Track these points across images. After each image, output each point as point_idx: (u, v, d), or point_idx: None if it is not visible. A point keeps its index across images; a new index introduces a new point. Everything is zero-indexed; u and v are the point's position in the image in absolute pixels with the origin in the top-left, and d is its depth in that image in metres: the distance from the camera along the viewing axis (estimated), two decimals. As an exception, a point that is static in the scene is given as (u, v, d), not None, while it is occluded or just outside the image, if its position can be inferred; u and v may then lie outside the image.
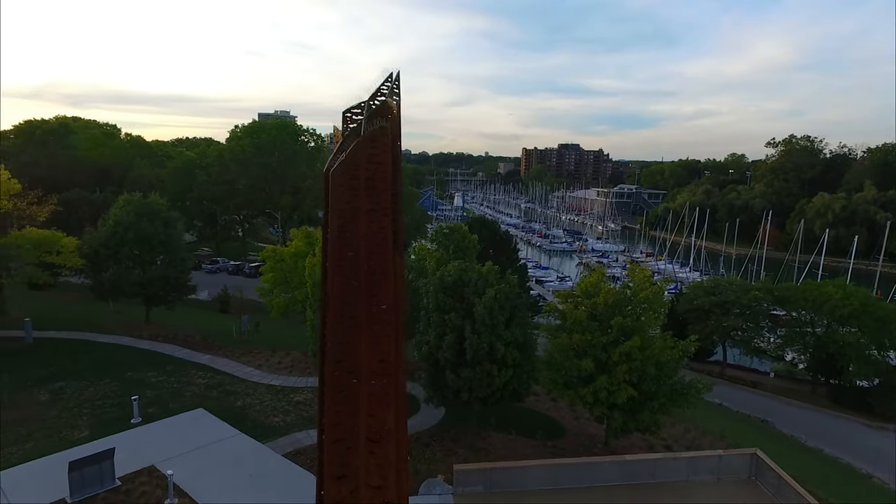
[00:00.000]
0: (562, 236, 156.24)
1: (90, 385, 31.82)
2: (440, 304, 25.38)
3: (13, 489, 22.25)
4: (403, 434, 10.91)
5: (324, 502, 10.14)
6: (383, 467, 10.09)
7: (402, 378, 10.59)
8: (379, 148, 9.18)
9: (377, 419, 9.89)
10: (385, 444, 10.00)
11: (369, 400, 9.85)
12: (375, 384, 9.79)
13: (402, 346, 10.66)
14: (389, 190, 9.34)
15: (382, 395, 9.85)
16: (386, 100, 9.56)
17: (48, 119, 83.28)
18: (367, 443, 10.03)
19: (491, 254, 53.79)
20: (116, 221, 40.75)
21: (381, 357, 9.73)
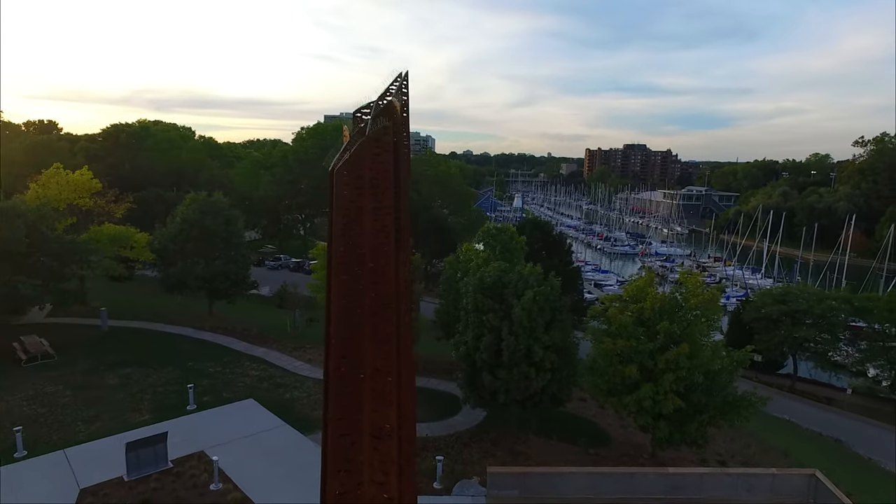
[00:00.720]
0: (624, 239, 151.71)
1: (154, 372, 33.91)
2: (479, 304, 25.30)
3: (78, 464, 24.09)
4: (409, 431, 11.00)
5: (327, 495, 10.40)
6: (386, 463, 10.21)
7: (407, 375, 10.67)
8: (382, 147, 9.30)
9: (380, 415, 10.02)
10: (387, 440, 10.11)
11: (372, 396, 9.99)
12: (378, 381, 9.93)
13: (409, 343, 10.74)
14: (392, 189, 9.44)
15: (384, 391, 9.97)
16: (391, 100, 9.68)
17: (131, 123, 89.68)
18: (370, 438, 10.18)
19: (544, 255, 53.04)
20: (183, 219, 43.24)
21: (384, 354, 9.85)
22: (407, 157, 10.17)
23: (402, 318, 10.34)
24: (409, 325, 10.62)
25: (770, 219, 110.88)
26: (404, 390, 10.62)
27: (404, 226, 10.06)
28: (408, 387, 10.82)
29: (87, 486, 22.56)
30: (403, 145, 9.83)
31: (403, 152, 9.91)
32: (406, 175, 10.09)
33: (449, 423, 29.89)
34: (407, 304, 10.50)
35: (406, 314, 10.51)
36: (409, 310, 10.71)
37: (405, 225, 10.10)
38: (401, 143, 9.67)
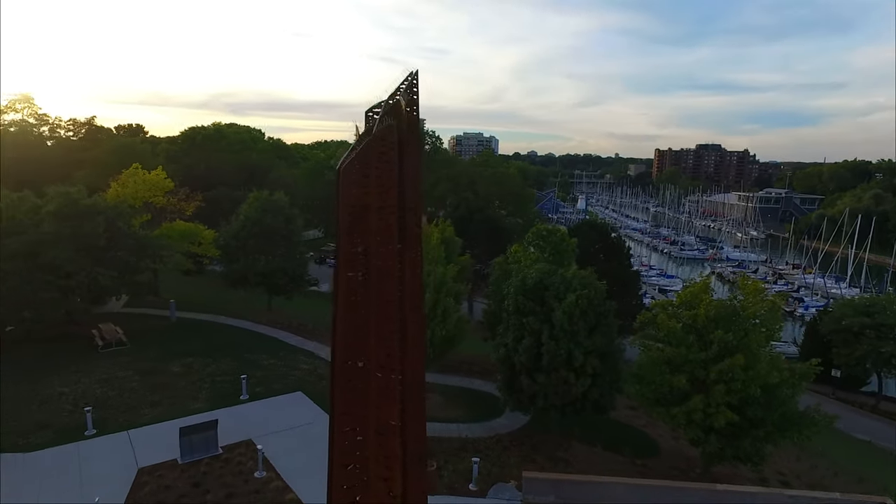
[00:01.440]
0: (694, 243, 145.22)
1: (213, 362, 35.73)
2: (519, 306, 24.99)
3: (139, 445, 25.79)
4: (416, 430, 10.98)
5: (333, 490, 10.56)
6: (390, 459, 10.28)
7: (414, 374, 10.66)
8: (387, 146, 9.37)
9: (384, 412, 10.10)
10: (391, 437, 10.17)
11: (377, 393, 10.08)
12: (382, 377, 10.00)
13: (418, 341, 10.72)
14: (396, 188, 9.49)
15: (388, 388, 10.04)
16: (398, 99, 9.73)
17: (207, 126, 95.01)
18: (375, 435, 10.28)
19: (601, 258, 51.67)
20: (246, 217, 45.32)
21: (388, 352, 9.91)
22: (416, 156, 10.17)
23: (409, 317, 10.36)
24: (417, 323, 10.61)
25: (858, 223, 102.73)
26: (411, 388, 10.64)
27: (412, 225, 10.07)
28: (415, 385, 10.81)
29: (145, 466, 24.12)
30: (410, 144, 9.84)
31: (411, 151, 9.92)
32: (414, 174, 10.09)
33: (490, 425, 29.71)
34: (416, 304, 10.50)
35: (415, 313, 10.52)
36: (419, 309, 10.69)
37: (413, 224, 10.10)
38: (406, 142, 9.69)
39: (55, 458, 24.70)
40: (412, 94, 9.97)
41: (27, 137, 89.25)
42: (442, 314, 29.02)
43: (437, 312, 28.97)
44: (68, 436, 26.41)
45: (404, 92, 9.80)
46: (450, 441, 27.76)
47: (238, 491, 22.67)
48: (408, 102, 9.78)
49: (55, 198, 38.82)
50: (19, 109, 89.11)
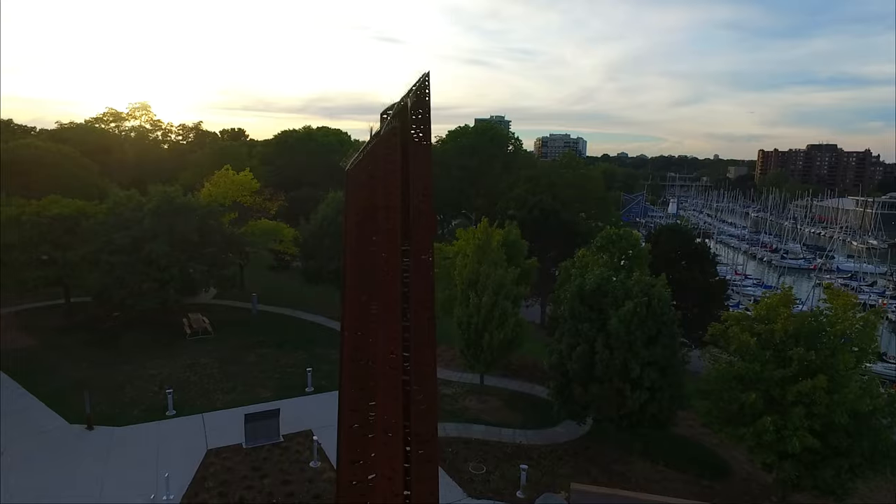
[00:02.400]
0: (799, 251, 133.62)
1: (285, 354, 37.63)
2: (575, 312, 24.20)
3: (211, 427, 27.69)
4: (425, 430, 10.96)
5: (340, 485, 10.80)
6: (392, 459, 10.35)
7: (423, 374, 10.65)
8: (390, 149, 9.45)
9: (387, 409, 10.18)
10: (394, 434, 10.23)
11: (383, 391, 10.19)
12: (386, 376, 10.10)
13: (428, 342, 10.70)
14: (398, 189, 9.54)
15: (392, 387, 10.11)
16: (404, 102, 9.77)
17: (298, 129, 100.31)
18: (382, 433, 10.39)
19: (683, 265, 48.90)
20: (323, 216, 47.29)
21: (392, 351, 9.99)
22: (423, 157, 10.17)
23: (416, 316, 10.38)
24: (426, 323, 10.61)
25: None
26: (419, 388, 10.64)
27: (420, 225, 10.08)
28: (424, 385, 10.81)
29: (213, 448, 25.88)
30: (417, 145, 9.86)
31: (418, 152, 9.94)
32: (422, 174, 10.10)
33: (547, 433, 29.00)
34: (424, 303, 10.49)
35: (423, 312, 10.52)
36: (427, 308, 10.68)
37: (422, 224, 10.11)
38: (412, 144, 9.71)
39: (139, 434, 27.10)
40: (422, 96, 9.99)
41: (144, 142, 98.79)
42: (499, 317, 28.73)
43: (495, 315, 28.72)
44: (152, 414, 28.89)
45: (413, 94, 9.84)
46: (502, 446, 27.42)
47: (293, 478, 23.72)
48: (415, 105, 9.81)
49: (155, 196, 42.54)
50: (138, 116, 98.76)
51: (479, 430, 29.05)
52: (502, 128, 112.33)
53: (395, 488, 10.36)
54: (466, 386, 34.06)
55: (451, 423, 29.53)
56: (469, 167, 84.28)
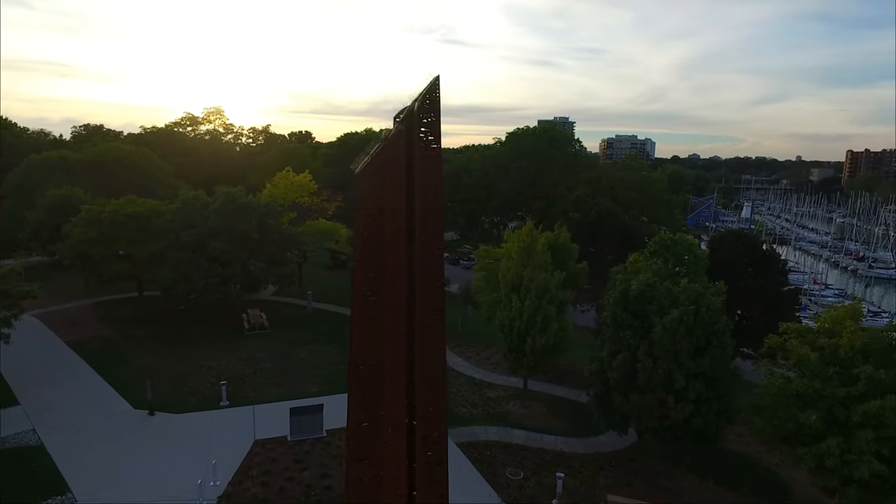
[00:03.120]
0: (890, 260, 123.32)
1: (334, 351, 38.62)
2: (617, 318, 23.45)
3: (260, 419, 28.80)
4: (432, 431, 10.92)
5: (349, 482, 10.96)
6: (397, 459, 10.40)
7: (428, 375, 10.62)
8: (395, 152, 9.53)
9: (393, 411, 10.26)
10: (397, 435, 10.28)
11: (389, 392, 10.28)
12: (394, 377, 10.18)
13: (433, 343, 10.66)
14: (403, 192, 9.59)
15: (396, 387, 10.17)
16: (411, 106, 9.81)
17: (359, 131, 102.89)
18: (389, 434, 10.48)
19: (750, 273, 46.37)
20: (376, 217, 48.23)
21: (395, 351, 10.05)
22: (431, 160, 10.16)
23: (422, 318, 10.39)
24: (435, 325, 10.58)
25: None
26: (425, 389, 10.65)
27: (426, 227, 10.07)
28: (430, 387, 10.78)
29: (260, 439, 26.96)
30: (425, 149, 9.86)
31: (426, 155, 9.94)
32: (431, 177, 10.09)
33: (590, 442, 28.26)
34: (432, 305, 10.46)
35: (432, 314, 10.50)
36: (435, 311, 10.64)
37: (427, 226, 10.10)
38: (419, 147, 9.73)
39: (194, 421, 28.65)
40: (431, 100, 10.00)
41: (217, 144, 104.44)
42: (542, 322, 28.28)
43: (537, 320, 28.29)
44: (207, 404, 30.45)
45: (421, 98, 9.88)
46: (542, 453, 26.97)
47: (332, 473, 24.32)
48: (422, 108, 9.84)
49: (219, 197, 44.80)
50: (212, 120, 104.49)
51: (520, 434, 28.69)
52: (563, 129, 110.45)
53: (400, 489, 10.43)
54: (511, 390, 33.73)
55: (492, 426, 29.37)
56: (527, 169, 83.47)
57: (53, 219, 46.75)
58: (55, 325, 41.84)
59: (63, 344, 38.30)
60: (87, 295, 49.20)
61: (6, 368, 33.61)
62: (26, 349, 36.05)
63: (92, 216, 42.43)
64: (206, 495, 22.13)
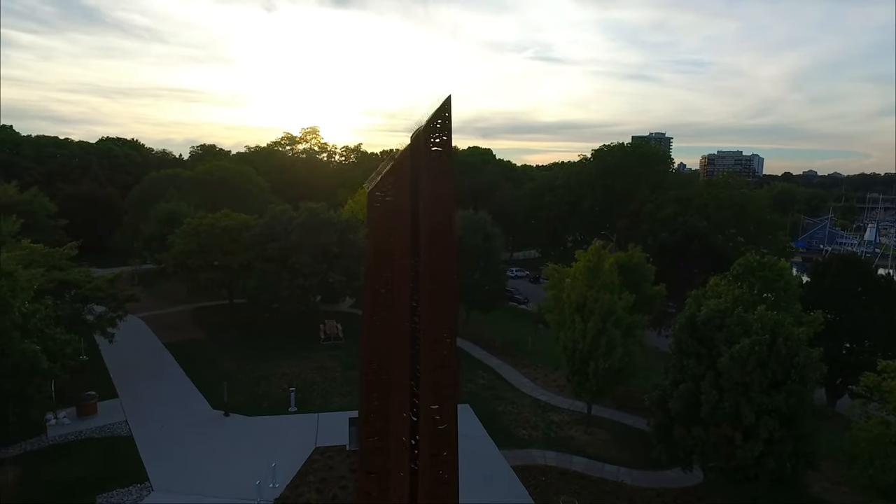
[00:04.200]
0: None
1: (403, 364, 39.24)
2: (682, 345, 21.95)
3: (323, 427, 29.87)
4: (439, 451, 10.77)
5: (359, 494, 11.05)
6: (404, 475, 10.37)
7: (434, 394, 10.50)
8: (402, 172, 9.66)
9: (396, 426, 10.27)
10: (401, 452, 10.26)
11: (396, 408, 10.33)
12: (399, 393, 10.21)
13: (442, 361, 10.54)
14: (409, 210, 9.66)
15: (401, 404, 10.18)
16: (420, 127, 9.91)
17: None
18: (394, 449, 10.51)
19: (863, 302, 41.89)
20: (450, 234, 48.76)
21: (400, 368, 10.08)
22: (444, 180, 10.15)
23: (435, 336, 10.36)
24: (446, 344, 10.49)
25: None
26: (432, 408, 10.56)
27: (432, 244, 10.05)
28: (443, 405, 10.67)
29: (321, 446, 27.90)
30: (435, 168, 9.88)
31: (438, 175, 9.96)
32: (442, 197, 10.08)
33: (656, 476, 26.51)
34: (444, 324, 10.38)
35: (443, 332, 10.42)
36: (449, 329, 10.55)
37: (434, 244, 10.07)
38: (429, 167, 9.78)
39: (263, 425, 30.21)
40: (441, 120, 10.06)
41: (312, 162, 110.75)
42: (606, 345, 27.09)
43: (601, 343, 27.14)
44: (277, 409, 32.02)
45: (431, 118, 9.97)
46: (602, 483, 25.69)
47: (383, 484, 24.60)
48: (432, 128, 9.91)
49: (303, 212, 47.36)
50: (308, 140, 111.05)
51: (581, 462, 27.53)
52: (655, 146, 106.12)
53: (401, 499, 10.39)
54: (575, 415, 32.51)
55: (551, 451, 28.44)
56: (613, 186, 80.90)
57: (161, 230, 51.67)
58: (157, 327, 45.99)
59: (161, 345, 41.98)
60: (187, 301, 53.67)
61: (111, 364, 37.36)
62: (130, 347, 39.92)
63: (191, 228, 46.36)
64: (264, 496, 23.18)
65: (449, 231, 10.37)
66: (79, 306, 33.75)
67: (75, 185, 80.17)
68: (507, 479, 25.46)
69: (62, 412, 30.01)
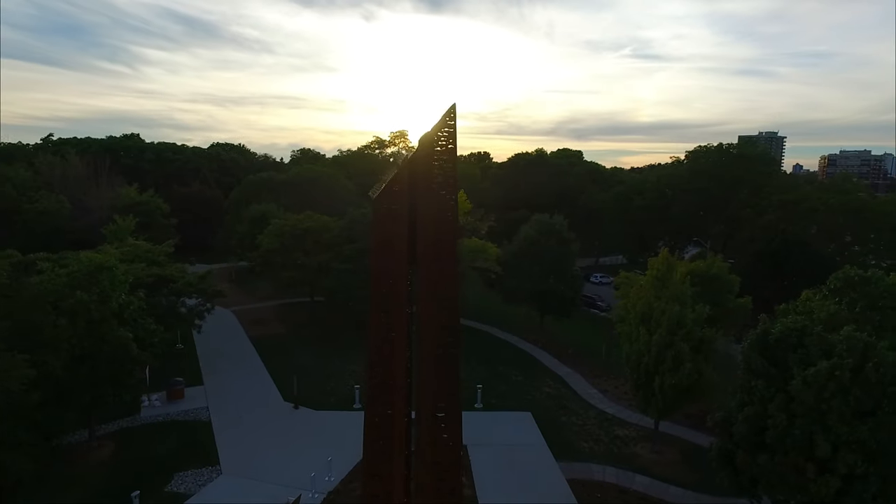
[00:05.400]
0: None
1: (469, 367, 39.11)
2: (751, 364, 20.10)
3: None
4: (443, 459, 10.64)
5: (363, 495, 11.17)
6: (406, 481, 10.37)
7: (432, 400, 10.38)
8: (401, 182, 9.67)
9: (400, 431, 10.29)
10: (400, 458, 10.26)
11: (394, 414, 10.37)
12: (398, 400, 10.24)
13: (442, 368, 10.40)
14: (405, 220, 9.64)
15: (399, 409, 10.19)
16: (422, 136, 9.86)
17: (529, 152, 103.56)
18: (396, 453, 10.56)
19: None
20: (524, 236, 48.11)
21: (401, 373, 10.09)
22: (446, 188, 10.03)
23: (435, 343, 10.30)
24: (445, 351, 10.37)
25: None
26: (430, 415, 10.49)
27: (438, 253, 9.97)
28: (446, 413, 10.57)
29: (379, 443, 28.51)
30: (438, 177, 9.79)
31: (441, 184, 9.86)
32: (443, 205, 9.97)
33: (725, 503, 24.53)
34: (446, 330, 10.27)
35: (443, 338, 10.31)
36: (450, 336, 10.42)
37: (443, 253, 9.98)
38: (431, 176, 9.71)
39: (328, 419, 31.47)
40: (446, 128, 9.97)
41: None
42: (672, 360, 25.45)
43: (667, 357, 25.55)
44: (342, 405, 33.23)
45: (436, 126, 9.91)
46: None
47: (434, 487, 24.75)
48: (437, 138, 9.85)
49: (380, 215, 48.80)
50: (397, 143, 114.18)
51: (643, 482, 26.10)
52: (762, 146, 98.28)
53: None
54: (644, 430, 30.86)
55: (612, 467, 27.21)
56: (708, 190, 75.90)
57: (252, 230, 55.35)
58: (245, 321, 49.34)
59: (246, 337, 45.01)
60: (274, 297, 57.06)
61: (201, 353, 40.59)
62: (219, 339, 43.18)
63: (276, 229, 49.28)
64: (318, 488, 24.14)
65: (450, 238, 10.27)
66: (173, 299, 36.97)
67: (187, 187, 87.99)
68: (559, 492, 24.72)
69: (155, 395, 33.08)
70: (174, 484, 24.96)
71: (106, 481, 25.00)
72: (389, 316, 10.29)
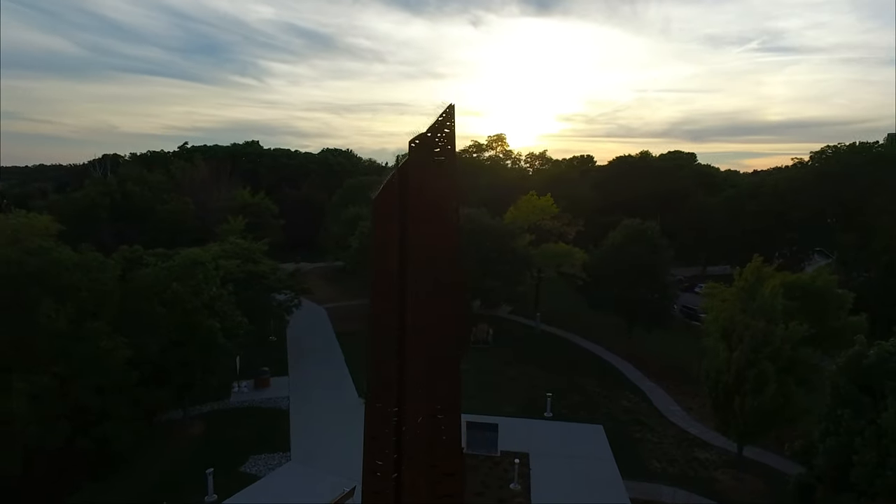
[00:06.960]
0: None
1: (544, 375, 38.28)
2: (839, 390, 17.68)
3: (448, 427, 30.69)
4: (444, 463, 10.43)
5: (364, 493, 11.26)
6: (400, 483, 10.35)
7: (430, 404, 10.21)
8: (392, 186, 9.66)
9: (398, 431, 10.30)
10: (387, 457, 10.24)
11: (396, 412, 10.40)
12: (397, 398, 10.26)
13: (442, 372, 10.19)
14: (397, 222, 9.59)
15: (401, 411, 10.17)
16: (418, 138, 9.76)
17: (632, 155, 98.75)
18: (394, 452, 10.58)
19: None
20: (611, 242, 46.08)
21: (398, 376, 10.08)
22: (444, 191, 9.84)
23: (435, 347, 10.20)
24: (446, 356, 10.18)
25: None
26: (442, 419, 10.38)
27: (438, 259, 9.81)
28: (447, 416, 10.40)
29: (441, 444, 28.68)
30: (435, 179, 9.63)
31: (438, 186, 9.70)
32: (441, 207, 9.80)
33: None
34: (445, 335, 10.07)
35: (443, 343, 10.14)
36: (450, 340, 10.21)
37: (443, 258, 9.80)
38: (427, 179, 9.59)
39: (396, 416, 32.14)
40: (445, 130, 9.83)
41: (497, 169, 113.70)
42: (754, 380, 23.06)
43: (748, 377, 23.21)
44: (413, 403, 33.74)
45: (433, 129, 9.80)
46: (737, 541, 22.00)
47: (488, 493, 24.47)
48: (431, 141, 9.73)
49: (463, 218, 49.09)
50: (494, 147, 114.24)
51: (718, 511, 23.94)
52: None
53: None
54: (727, 455, 28.25)
55: (684, 490, 25.21)
56: (836, 195, 67.93)
57: (345, 231, 58.07)
58: (334, 317, 51.87)
59: (333, 333, 47.24)
60: (364, 296, 59.33)
61: (290, 346, 43.26)
62: (309, 333, 45.77)
63: (365, 229, 51.25)
64: (375, 483, 24.76)
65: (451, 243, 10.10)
66: (265, 294, 39.79)
67: (297, 190, 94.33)
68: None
69: (244, 382, 35.77)
70: (248, 465, 26.82)
71: (190, 457, 27.45)
72: (389, 315, 10.36)
